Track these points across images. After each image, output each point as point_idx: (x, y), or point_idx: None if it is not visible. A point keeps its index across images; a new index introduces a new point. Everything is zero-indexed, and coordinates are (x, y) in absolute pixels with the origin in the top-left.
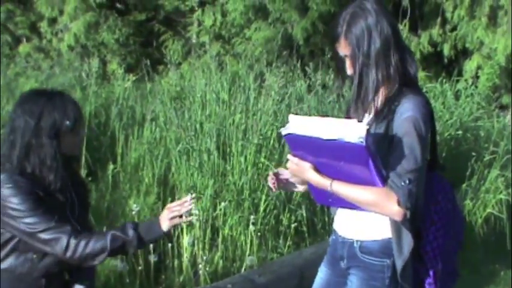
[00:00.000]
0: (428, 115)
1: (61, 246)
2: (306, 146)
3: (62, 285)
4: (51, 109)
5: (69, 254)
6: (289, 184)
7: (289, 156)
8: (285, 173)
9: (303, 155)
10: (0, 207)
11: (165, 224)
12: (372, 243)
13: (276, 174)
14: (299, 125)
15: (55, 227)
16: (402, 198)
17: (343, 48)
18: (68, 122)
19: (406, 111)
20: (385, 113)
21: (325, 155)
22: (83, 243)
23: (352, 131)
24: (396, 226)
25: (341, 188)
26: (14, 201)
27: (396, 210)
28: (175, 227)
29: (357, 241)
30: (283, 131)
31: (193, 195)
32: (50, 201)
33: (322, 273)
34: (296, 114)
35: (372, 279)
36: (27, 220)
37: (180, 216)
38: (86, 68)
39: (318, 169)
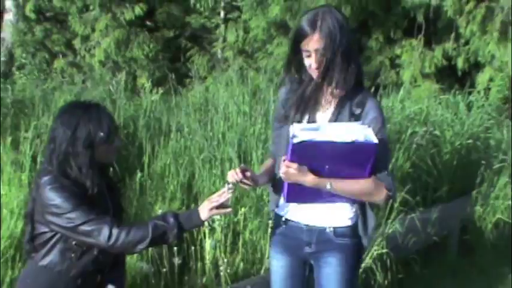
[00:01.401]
0: None
1: (104, 236)
2: (309, 152)
3: (95, 285)
4: (87, 120)
5: (111, 242)
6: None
7: (287, 163)
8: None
9: (298, 161)
10: (43, 207)
11: (204, 214)
12: (345, 228)
13: (244, 170)
14: (307, 132)
15: (96, 219)
16: (388, 186)
17: (315, 43)
18: (102, 133)
19: (373, 111)
20: (347, 112)
21: (327, 157)
22: (124, 231)
23: (360, 132)
24: (363, 211)
25: (339, 185)
26: (58, 200)
27: (384, 196)
28: (211, 219)
29: (330, 227)
30: (296, 139)
31: (230, 185)
32: (90, 201)
33: (280, 261)
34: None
35: (348, 257)
36: (70, 215)
37: (219, 207)
38: (115, 82)
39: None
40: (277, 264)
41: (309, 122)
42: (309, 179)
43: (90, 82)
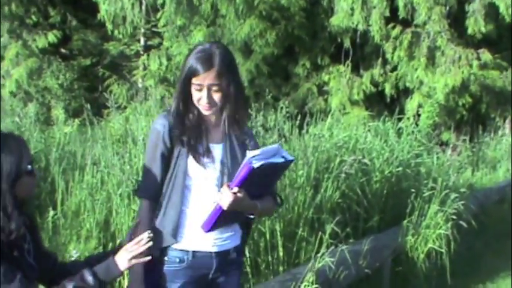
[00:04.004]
0: None
1: None
2: (256, 176)
3: None
4: (8, 153)
5: None
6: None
7: (236, 189)
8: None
9: (243, 187)
10: None
11: (123, 264)
12: (240, 246)
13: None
14: (260, 156)
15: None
16: (275, 199)
17: (211, 79)
18: (27, 165)
19: (253, 139)
20: (237, 142)
21: (260, 179)
22: None
23: (281, 152)
24: (248, 225)
25: (262, 205)
26: None
27: (276, 208)
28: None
29: (233, 248)
30: (256, 164)
31: (151, 234)
32: (10, 250)
33: None
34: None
35: (241, 273)
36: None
37: (138, 256)
38: (24, 113)
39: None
40: None
41: (205, 152)
42: (247, 204)
43: None
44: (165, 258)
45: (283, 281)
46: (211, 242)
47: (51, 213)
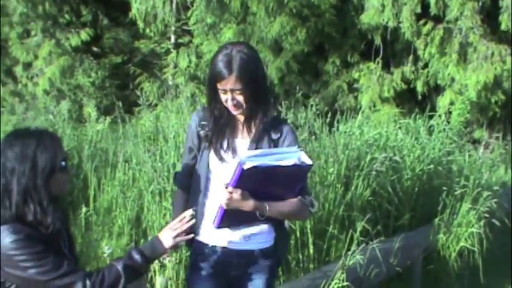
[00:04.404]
0: None
1: None
2: (253, 177)
3: None
4: (43, 150)
5: None
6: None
7: (231, 189)
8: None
9: (241, 187)
10: (3, 261)
11: (168, 242)
12: (268, 248)
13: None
14: (256, 158)
15: (68, 273)
16: (311, 205)
17: (231, 84)
18: (62, 162)
19: (290, 136)
20: (267, 137)
21: (267, 181)
22: (98, 281)
23: (298, 155)
24: (279, 229)
25: (274, 208)
26: (23, 252)
27: (309, 214)
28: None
29: (258, 250)
30: (246, 166)
31: (192, 211)
32: (51, 243)
33: (206, 285)
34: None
35: (270, 278)
36: (40, 269)
37: (182, 234)
38: (58, 111)
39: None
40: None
41: (228, 147)
42: (250, 204)
43: (32, 112)
44: (189, 248)
45: (313, 278)
46: (228, 239)
47: (84, 209)
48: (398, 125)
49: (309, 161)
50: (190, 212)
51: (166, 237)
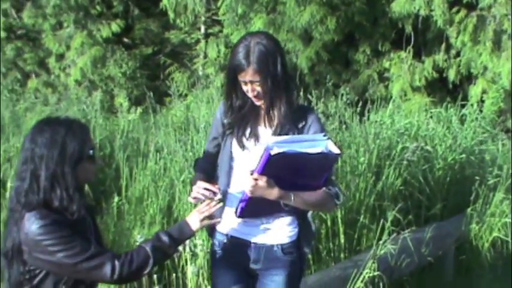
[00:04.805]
0: None
1: (105, 272)
2: (279, 165)
3: None
4: (72, 137)
5: (116, 276)
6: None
7: (256, 175)
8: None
9: (266, 174)
10: (32, 246)
11: (195, 225)
12: (290, 243)
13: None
14: (283, 144)
15: (96, 254)
16: (336, 197)
17: (250, 75)
18: (89, 151)
19: (315, 125)
20: (291, 125)
21: (293, 169)
22: (127, 262)
23: (325, 143)
24: (303, 220)
25: (300, 198)
26: (50, 237)
27: (334, 206)
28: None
29: (277, 244)
30: (273, 151)
31: (220, 195)
32: (77, 229)
33: (226, 276)
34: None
35: (293, 273)
36: (67, 253)
37: (209, 218)
38: (90, 101)
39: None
40: (222, 279)
41: (250, 135)
42: (275, 193)
43: (64, 102)
44: (211, 238)
45: (344, 268)
46: (247, 231)
47: (116, 199)
48: (429, 114)
49: (336, 150)
50: (218, 196)
51: (194, 220)
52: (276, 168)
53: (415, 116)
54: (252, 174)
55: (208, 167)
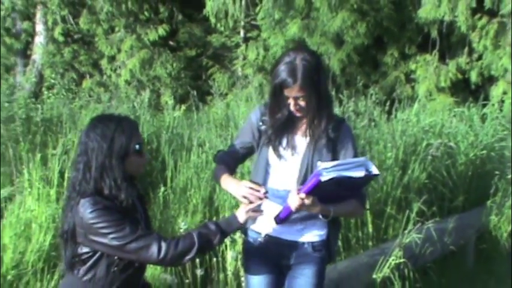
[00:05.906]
0: None
1: (152, 252)
2: (327, 186)
3: None
4: (121, 133)
5: (161, 256)
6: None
7: (303, 195)
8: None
9: (312, 193)
10: (86, 229)
11: (242, 216)
12: (320, 242)
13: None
14: (331, 169)
15: (143, 235)
16: (364, 203)
17: (296, 92)
18: (136, 145)
19: (348, 137)
20: (325, 136)
21: (336, 188)
22: (172, 244)
23: (367, 165)
24: (335, 224)
25: (337, 210)
26: (102, 220)
27: (363, 212)
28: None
29: (308, 242)
30: (323, 177)
31: (265, 190)
32: (127, 214)
33: (260, 272)
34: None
35: (321, 269)
36: (117, 234)
37: (254, 210)
38: (139, 100)
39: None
40: (256, 276)
41: (287, 144)
42: (317, 209)
43: (115, 100)
44: (244, 236)
45: (372, 255)
46: (281, 230)
47: (162, 189)
48: (453, 113)
49: (376, 171)
50: (264, 189)
51: (241, 212)
52: (321, 189)
53: (439, 114)
54: (298, 193)
55: (230, 162)
